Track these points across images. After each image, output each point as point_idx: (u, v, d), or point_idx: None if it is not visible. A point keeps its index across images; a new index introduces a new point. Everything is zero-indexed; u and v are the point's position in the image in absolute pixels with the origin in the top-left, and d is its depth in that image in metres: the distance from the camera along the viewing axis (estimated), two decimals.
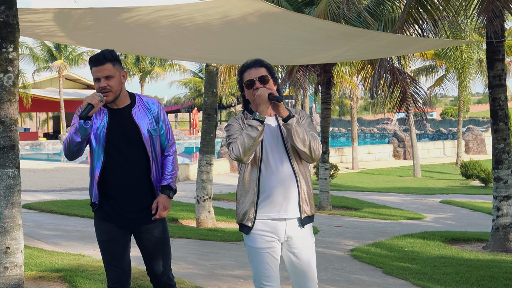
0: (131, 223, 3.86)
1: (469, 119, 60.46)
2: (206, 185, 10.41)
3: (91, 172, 3.85)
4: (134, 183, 3.81)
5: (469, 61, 24.75)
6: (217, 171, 21.94)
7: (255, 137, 3.43)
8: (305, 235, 3.62)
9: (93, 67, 3.77)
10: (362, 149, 31.19)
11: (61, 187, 17.44)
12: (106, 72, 3.74)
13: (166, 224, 4.01)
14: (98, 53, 3.79)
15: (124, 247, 3.90)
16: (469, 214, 13.45)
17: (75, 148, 3.74)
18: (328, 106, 13.89)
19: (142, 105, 3.90)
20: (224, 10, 6.29)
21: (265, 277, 3.56)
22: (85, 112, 3.63)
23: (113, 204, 3.82)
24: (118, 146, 3.80)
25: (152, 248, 3.92)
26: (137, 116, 3.85)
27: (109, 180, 3.80)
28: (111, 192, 3.82)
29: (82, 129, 3.67)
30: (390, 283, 6.51)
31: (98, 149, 3.79)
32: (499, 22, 8.38)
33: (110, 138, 3.79)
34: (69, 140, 3.72)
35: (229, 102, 46.93)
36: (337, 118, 66.98)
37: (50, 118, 52.91)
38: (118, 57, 3.85)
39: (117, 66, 3.80)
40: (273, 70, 3.69)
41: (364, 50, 8.52)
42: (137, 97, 3.93)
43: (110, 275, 3.90)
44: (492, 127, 8.86)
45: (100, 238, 3.90)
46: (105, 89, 3.75)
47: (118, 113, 3.83)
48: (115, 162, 3.79)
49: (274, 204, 3.55)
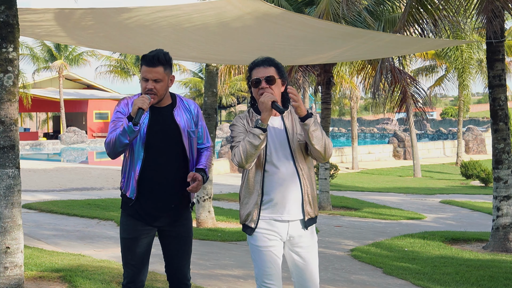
0: (159, 221, 3.84)
1: (469, 119, 60.45)
2: (206, 185, 10.41)
3: (129, 167, 3.81)
4: (169, 182, 3.80)
5: (469, 61, 24.77)
6: (217, 171, 21.94)
7: (257, 145, 3.42)
8: (307, 235, 3.62)
9: (144, 65, 3.73)
10: (362, 149, 31.18)
11: (61, 187, 17.44)
12: (156, 75, 3.71)
13: (191, 223, 4.01)
14: (153, 53, 3.74)
15: (146, 247, 3.89)
16: (469, 214, 13.45)
17: (121, 149, 3.71)
18: (328, 106, 13.89)
19: (183, 106, 3.90)
20: (224, 11, 6.29)
21: (267, 275, 3.56)
22: (138, 117, 3.60)
23: (146, 201, 3.80)
24: (157, 144, 3.78)
25: (176, 247, 3.91)
26: (178, 116, 3.85)
27: (146, 178, 3.78)
28: (145, 188, 3.79)
29: (132, 132, 3.62)
30: (390, 283, 6.52)
31: (138, 145, 3.77)
32: (498, 22, 8.38)
33: (151, 135, 3.77)
34: (115, 141, 3.67)
35: (229, 102, 46.96)
36: (337, 118, 66.97)
37: (50, 118, 52.92)
38: (171, 60, 3.80)
39: (168, 70, 3.77)
40: (283, 69, 3.65)
41: (364, 50, 8.52)
42: (177, 97, 3.93)
43: (126, 272, 3.90)
44: (492, 127, 8.86)
45: (123, 235, 3.88)
46: (151, 91, 3.73)
47: (160, 112, 3.82)
48: (153, 159, 3.77)
49: (278, 206, 3.55)
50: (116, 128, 3.73)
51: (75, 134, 40.32)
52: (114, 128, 3.74)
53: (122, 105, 3.83)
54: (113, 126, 3.75)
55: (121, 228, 3.91)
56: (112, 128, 3.75)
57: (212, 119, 10.52)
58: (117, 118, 3.78)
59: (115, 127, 3.74)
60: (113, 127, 3.75)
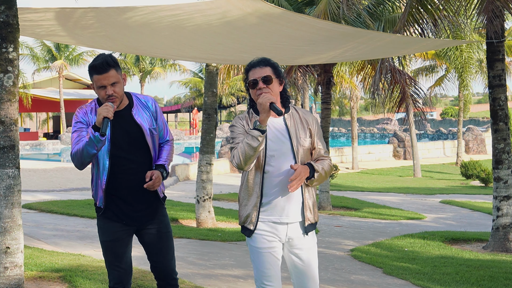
0: (136, 221, 3.87)
1: (469, 119, 60.42)
2: (206, 185, 10.41)
3: (96, 177, 3.82)
4: (139, 183, 3.79)
5: (469, 61, 24.74)
6: (217, 171, 21.93)
7: (256, 147, 3.40)
8: (306, 236, 3.61)
9: (95, 74, 3.67)
10: (362, 149, 31.18)
11: (61, 187, 17.44)
12: (112, 79, 3.68)
13: (168, 219, 4.04)
14: (98, 60, 3.68)
15: (126, 247, 3.92)
16: (469, 214, 13.45)
17: (89, 159, 3.69)
18: (328, 106, 13.89)
19: (140, 104, 3.88)
20: (224, 11, 6.29)
21: (266, 276, 3.55)
22: (104, 127, 3.56)
23: (120, 204, 3.83)
24: (122, 148, 3.78)
25: (156, 243, 3.94)
26: (138, 116, 3.83)
27: (115, 182, 3.79)
28: (117, 194, 3.81)
29: (99, 141, 3.60)
30: (390, 283, 6.52)
31: (103, 154, 3.75)
32: (499, 22, 8.38)
33: (115, 141, 3.76)
34: (82, 152, 3.64)
35: (229, 102, 46.92)
36: (337, 118, 66.97)
37: (50, 118, 52.92)
38: (117, 60, 3.79)
39: (119, 70, 3.74)
40: (279, 69, 3.63)
41: (364, 50, 8.51)
42: (133, 96, 3.91)
43: (112, 275, 3.92)
44: (492, 127, 8.86)
45: (103, 238, 3.90)
46: (113, 96, 3.69)
47: (119, 115, 3.77)
48: (120, 164, 3.78)
49: (277, 208, 3.54)
50: (80, 139, 3.68)
51: None
52: (78, 139, 3.69)
53: (81, 115, 3.78)
54: (77, 137, 3.70)
55: (99, 232, 3.92)
56: (76, 139, 3.70)
57: (212, 119, 10.52)
58: (79, 129, 3.73)
59: (80, 138, 3.69)
60: (76, 137, 3.70)
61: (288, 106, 3.65)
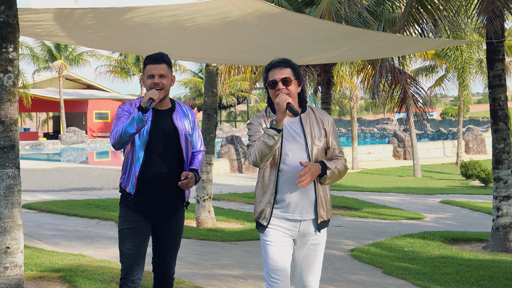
0: (156, 216, 4.03)
1: (469, 119, 60.46)
2: (206, 185, 10.41)
3: (130, 166, 4.01)
4: (166, 181, 3.99)
5: (469, 61, 24.75)
6: (217, 171, 21.94)
7: (271, 145, 3.49)
8: (318, 233, 3.73)
9: (149, 64, 3.98)
10: (362, 149, 31.19)
11: (61, 187, 17.43)
12: (162, 71, 3.98)
13: (183, 221, 4.21)
14: (156, 53, 4.02)
15: (143, 238, 4.05)
16: (469, 214, 13.44)
17: (127, 139, 3.87)
18: (328, 106, 13.88)
19: (181, 111, 4.15)
20: (224, 11, 6.29)
21: (274, 270, 3.62)
22: (148, 104, 3.80)
23: (144, 197, 3.99)
24: (157, 145, 3.99)
25: (167, 243, 4.11)
26: (177, 120, 4.08)
27: (145, 176, 3.97)
28: (144, 186, 3.98)
29: (141, 121, 3.81)
30: (390, 283, 6.52)
31: (140, 145, 3.96)
32: (499, 22, 8.38)
33: (152, 136, 3.98)
34: (122, 131, 3.84)
35: (229, 102, 46.96)
36: (337, 118, 67.00)
37: (50, 118, 52.92)
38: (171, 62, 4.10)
39: (170, 69, 4.04)
40: (299, 70, 3.73)
41: (364, 50, 8.51)
42: (176, 103, 4.18)
43: (124, 264, 4.01)
44: (492, 127, 8.86)
45: (123, 226, 4.03)
46: (158, 86, 3.96)
47: (161, 115, 4.04)
48: (152, 159, 3.98)
49: (290, 205, 3.63)
50: (122, 121, 3.92)
51: (75, 134, 40.34)
52: (119, 122, 3.93)
53: (127, 106, 4.04)
54: (118, 120, 3.95)
55: (120, 221, 4.08)
56: (118, 122, 3.94)
57: (212, 119, 10.52)
58: (122, 115, 3.97)
59: (121, 121, 3.93)
60: (118, 121, 3.94)
61: (305, 106, 3.75)
